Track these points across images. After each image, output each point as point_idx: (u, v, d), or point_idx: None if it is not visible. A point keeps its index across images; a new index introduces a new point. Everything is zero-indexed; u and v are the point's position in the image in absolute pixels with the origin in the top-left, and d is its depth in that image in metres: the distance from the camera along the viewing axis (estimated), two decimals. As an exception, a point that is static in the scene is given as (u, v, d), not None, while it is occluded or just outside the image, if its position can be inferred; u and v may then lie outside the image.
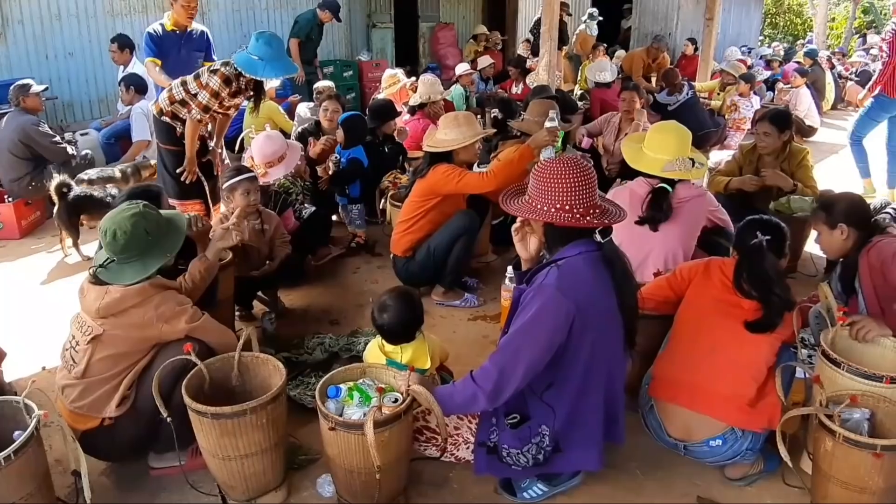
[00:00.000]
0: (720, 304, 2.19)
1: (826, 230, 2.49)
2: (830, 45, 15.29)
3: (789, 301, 2.13)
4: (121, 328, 2.00)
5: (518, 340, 1.82)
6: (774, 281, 2.12)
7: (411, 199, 3.36)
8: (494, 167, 3.17)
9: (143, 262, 2.02)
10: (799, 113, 7.54)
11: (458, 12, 10.88)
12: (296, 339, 2.99)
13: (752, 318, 2.13)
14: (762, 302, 2.12)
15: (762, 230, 2.14)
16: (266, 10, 8.07)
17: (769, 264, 2.12)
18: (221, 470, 2.01)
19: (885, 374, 2.04)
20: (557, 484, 2.09)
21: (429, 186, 3.25)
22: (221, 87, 3.41)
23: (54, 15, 6.21)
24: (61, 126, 5.97)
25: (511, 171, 3.08)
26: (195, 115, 3.49)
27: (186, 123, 3.56)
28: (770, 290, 2.11)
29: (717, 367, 2.12)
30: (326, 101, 4.49)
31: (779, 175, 3.66)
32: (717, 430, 2.10)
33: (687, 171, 2.78)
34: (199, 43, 4.52)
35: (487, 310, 3.39)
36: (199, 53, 4.51)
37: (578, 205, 1.81)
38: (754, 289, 2.13)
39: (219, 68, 3.42)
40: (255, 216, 3.12)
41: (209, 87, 3.42)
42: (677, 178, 2.80)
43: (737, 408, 2.08)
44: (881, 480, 1.88)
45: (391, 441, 1.88)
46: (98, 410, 2.03)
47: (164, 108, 3.61)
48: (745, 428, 2.08)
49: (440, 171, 3.21)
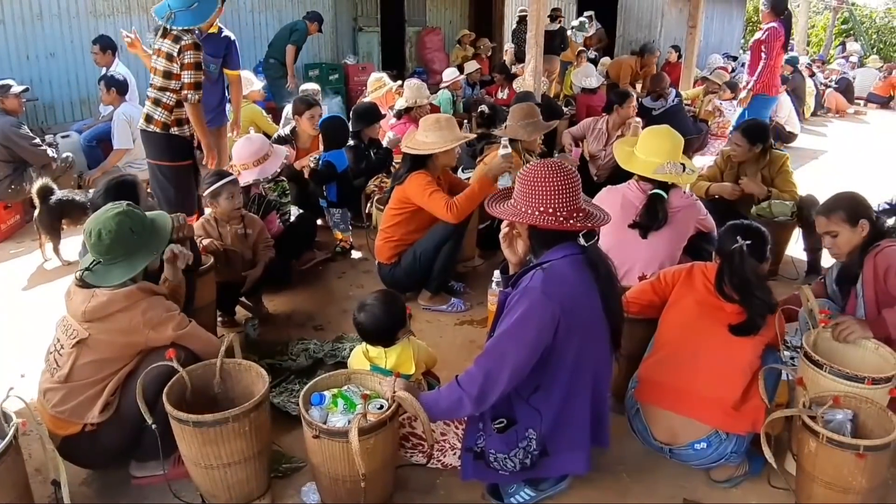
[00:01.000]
0: (703, 307, 2.21)
1: (847, 228, 2.41)
2: (810, 53, 15.54)
3: (771, 304, 2.15)
4: (106, 333, 1.98)
5: (503, 344, 1.82)
6: (755, 284, 2.13)
7: (390, 207, 3.35)
8: (458, 200, 3.13)
9: (129, 261, 2.00)
10: (780, 119, 7.66)
11: (445, 17, 10.91)
12: (280, 345, 2.96)
13: (735, 321, 2.14)
14: (744, 305, 2.14)
15: (743, 235, 2.16)
16: (251, 11, 8.03)
17: (749, 268, 2.13)
18: (204, 479, 1.98)
19: (867, 376, 2.06)
20: (545, 488, 2.09)
21: (405, 194, 3.23)
22: (196, 54, 3.36)
23: (36, 15, 6.12)
24: (42, 128, 5.89)
25: (472, 204, 3.17)
26: (192, 98, 3.39)
27: (188, 111, 3.44)
28: (751, 294, 2.12)
29: (701, 371, 2.13)
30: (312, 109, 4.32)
31: (754, 184, 3.73)
32: (701, 433, 2.11)
33: (678, 175, 2.80)
34: (217, 48, 4.17)
35: (474, 314, 3.38)
36: (214, 59, 4.18)
37: (562, 208, 1.82)
38: (736, 292, 2.15)
39: (182, 41, 3.33)
40: (238, 220, 3.09)
41: (189, 63, 3.34)
42: (669, 183, 2.82)
43: (720, 411, 2.09)
44: (864, 480, 1.90)
45: (376, 448, 1.87)
46: (80, 416, 1.99)
47: (167, 121, 3.46)
48: (729, 431, 2.09)
49: (416, 180, 3.18)
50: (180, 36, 3.35)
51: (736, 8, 15.44)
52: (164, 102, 3.45)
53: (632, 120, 4.88)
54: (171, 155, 3.55)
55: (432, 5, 10.55)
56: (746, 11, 17.46)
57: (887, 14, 19.54)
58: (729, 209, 3.73)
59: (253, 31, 8.05)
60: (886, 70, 12.53)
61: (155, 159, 3.58)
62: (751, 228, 2.21)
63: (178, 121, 3.49)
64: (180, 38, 3.35)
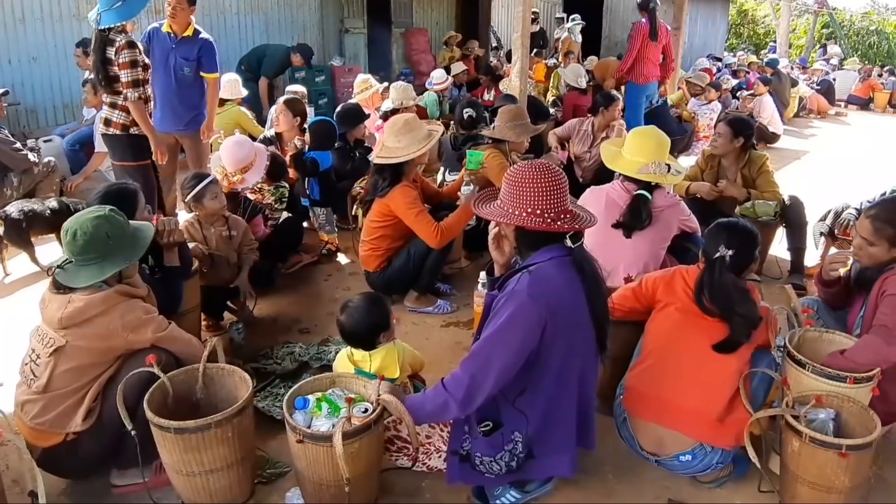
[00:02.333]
0: (686, 315, 2.16)
1: (885, 247, 2.26)
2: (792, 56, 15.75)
3: (753, 319, 2.09)
4: (85, 339, 1.94)
5: (489, 347, 1.81)
6: (736, 299, 2.06)
7: (373, 219, 3.29)
8: (446, 226, 3.14)
9: (100, 265, 1.97)
10: (762, 120, 7.74)
11: (432, 18, 10.91)
12: (265, 348, 2.93)
13: (716, 333, 2.09)
14: (725, 321, 2.09)
15: (731, 236, 2.10)
16: (237, 14, 7.97)
17: (729, 281, 2.07)
18: (186, 486, 1.96)
19: (849, 375, 2.07)
20: (531, 490, 2.08)
21: (388, 208, 3.19)
22: (132, 52, 3.44)
23: (18, 19, 6.02)
24: (24, 133, 5.80)
25: (458, 230, 3.32)
26: (132, 97, 3.47)
27: (131, 109, 3.53)
28: (732, 310, 2.07)
29: (684, 383, 2.10)
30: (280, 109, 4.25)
31: (734, 187, 3.76)
32: (686, 446, 2.10)
33: (662, 175, 2.78)
34: (189, 51, 4.06)
35: (460, 316, 3.38)
36: (188, 62, 4.07)
37: (549, 209, 1.81)
38: (716, 307, 2.09)
39: (117, 42, 3.43)
40: (222, 222, 3.06)
41: (125, 63, 3.43)
42: (653, 183, 2.81)
43: (705, 424, 2.07)
44: (847, 479, 1.92)
45: (361, 452, 1.85)
46: (62, 426, 1.96)
47: (125, 122, 3.57)
48: (713, 444, 2.08)
49: (402, 197, 3.14)
50: (113, 38, 3.44)
51: (720, 9, 15.62)
52: (120, 104, 3.54)
53: (616, 122, 4.90)
54: (133, 155, 3.66)
55: (419, 7, 10.54)
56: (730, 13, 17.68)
57: (865, 17, 19.84)
58: (713, 209, 3.75)
59: (239, 33, 8.00)
60: (865, 72, 12.74)
61: (119, 161, 3.69)
62: (739, 229, 2.15)
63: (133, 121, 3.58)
64: (114, 40, 3.43)
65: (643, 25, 6.13)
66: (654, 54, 6.25)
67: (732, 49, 17.41)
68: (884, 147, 8.38)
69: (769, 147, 7.70)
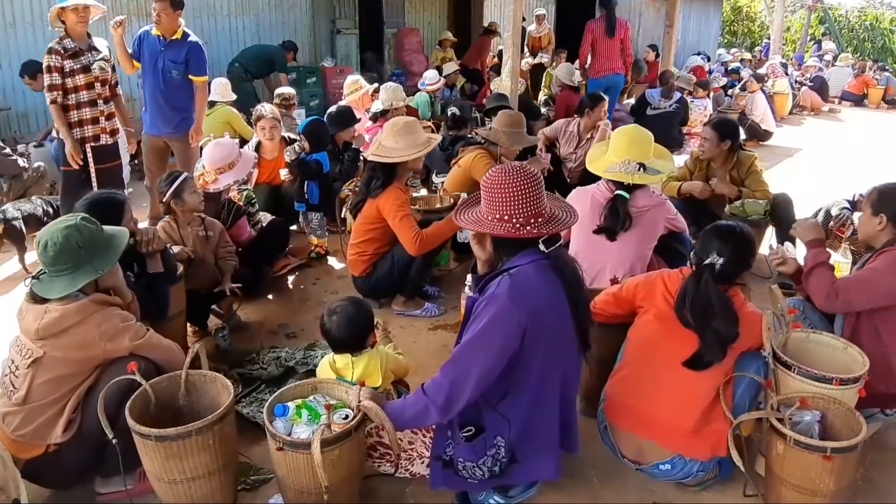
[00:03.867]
0: (664, 324, 2.11)
1: (868, 214, 2.41)
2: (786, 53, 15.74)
3: (727, 337, 2.01)
4: (62, 349, 1.93)
5: (470, 351, 1.80)
6: (717, 312, 2.00)
7: (362, 221, 3.26)
8: (427, 235, 3.12)
9: (73, 275, 1.95)
10: (755, 117, 7.74)
11: (424, 18, 10.89)
12: (251, 353, 2.91)
13: (691, 343, 2.04)
14: (698, 335, 2.03)
15: (726, 241, 2.04)
16: (228, 15, 7.95)
17: (713, 292, 2.01)
18: (168, 494, 1.94)
19: (835, 376, 2.05)
20: (514, 494, 2.06)
21: (377, 210, 3.16)
22: (50, 58, 3.60)
23: (9, 23, 6.00)
24: (15, 138, 5.77)
25: (438, 241, 3.24)
26: (47, 100, 3.66)
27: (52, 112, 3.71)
28: (708, 324, 2.01)
29: (661, 394, 2.08)
30: (263, 121, 4.15)
31: (725, 184, 3.75)
32: (665, 455, 2.09)
33: (631, 174, 2.70)
34: (177, 54, 4.03)
35: (448, 319, 3.36)
36: (176, 65, 4.05)
37: (518, 214, 1.79)
38: (693, 318, 2.03)
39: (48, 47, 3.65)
40: (198, 223, 3.04)
41: (45, 67, 3.63)
42: (631, 184, 2.78)
43: (680, 436, 2.05)
44: (832, 482, 1.90)
45: (341, 459, 1.84)
46: (42, 438, 1.95)
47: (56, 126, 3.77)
48: (690, 456, 2.06)
49: (391, 198, 3.10)
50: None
51: (713, 7, 15.60)
52: None
53: (601, 123, 4.90)
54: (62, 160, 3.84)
55: (411, 7, 10.52)
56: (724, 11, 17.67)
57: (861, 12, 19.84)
58: (703, 209, 3.75)
59: (230, 35, 7.98)
60: (858, 68, 12.72)
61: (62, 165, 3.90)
62: (735, 236, 2.06)
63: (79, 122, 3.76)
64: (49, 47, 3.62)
65: (595, 23, 6.56)
66: (610, 49, 6.59)
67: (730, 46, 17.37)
68: (877, 144, 8.38)
69: (762, 144, 7.70)
